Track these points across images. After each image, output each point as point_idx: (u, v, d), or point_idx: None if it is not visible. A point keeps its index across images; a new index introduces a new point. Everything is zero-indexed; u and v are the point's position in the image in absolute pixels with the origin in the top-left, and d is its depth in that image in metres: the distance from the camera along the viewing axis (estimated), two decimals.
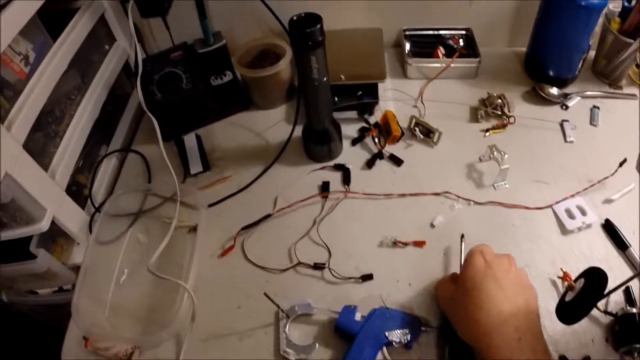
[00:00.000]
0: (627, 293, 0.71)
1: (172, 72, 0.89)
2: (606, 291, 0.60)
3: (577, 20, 0.90)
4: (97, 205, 0.83)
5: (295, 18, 0.67)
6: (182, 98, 0.90)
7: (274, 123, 0.95)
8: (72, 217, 0.77)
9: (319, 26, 0.65)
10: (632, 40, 0.93)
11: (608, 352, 0.65)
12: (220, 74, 0.92)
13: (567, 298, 0.63)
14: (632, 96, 1.00)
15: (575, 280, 0.65)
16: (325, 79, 0.72)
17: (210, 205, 0.82)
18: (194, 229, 0.78)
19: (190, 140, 0.92)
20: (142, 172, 0.90)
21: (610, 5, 0.93)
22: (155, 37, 1.07)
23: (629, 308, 0.66)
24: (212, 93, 0.93)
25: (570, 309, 0.61)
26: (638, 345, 0.63)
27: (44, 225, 0.68)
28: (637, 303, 0.67)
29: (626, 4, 0.95)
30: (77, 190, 0.84)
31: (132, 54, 1.02)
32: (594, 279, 0.61)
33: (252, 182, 0.85)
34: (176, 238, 0.76)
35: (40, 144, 0.75)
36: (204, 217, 0.79)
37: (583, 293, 0.60)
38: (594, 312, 0.65)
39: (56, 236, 0.78)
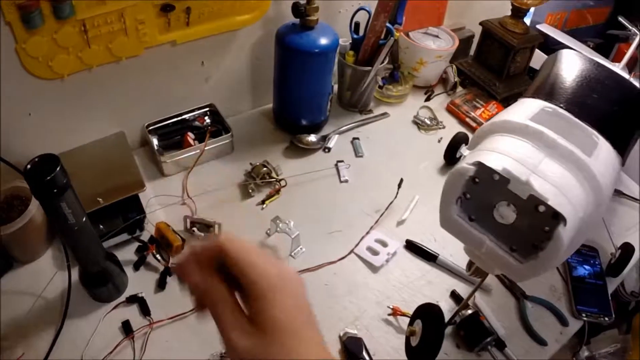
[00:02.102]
0: (457, 299, 0.76)
1: None
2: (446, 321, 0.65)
3: (315, 66, 0.91)
4: None
5: (30, 166, 0.55)
6: None
7: (44, 276, 0.77)
8: None
9: (58, 169, 0.55)
10: (369, 67, 0.99)
11: (465, 356, 0.70)
12: None
13: (413, 343, 0.65)
14: (384, 115, 1.09)
15: (412, 321, 0.68)
16: (84, 218, 0.62)
17: None
18: None
19: None
20: None
21: (341, 41, 0.96)
22: None
23: (463, 312, 0.70)
24: None
25: (421, 353, 0.63)
26: (488, 339, 0.68)
27: None
28: (469, 303, 0.71)
29: (355, 36, 1.00)
30: None
31: None
32: (431, 319, 0.65)
33: (49, 353, 0.68)
34: None
35: None
36: None
37: (426, 335, 0.63)
38: None
39: None
